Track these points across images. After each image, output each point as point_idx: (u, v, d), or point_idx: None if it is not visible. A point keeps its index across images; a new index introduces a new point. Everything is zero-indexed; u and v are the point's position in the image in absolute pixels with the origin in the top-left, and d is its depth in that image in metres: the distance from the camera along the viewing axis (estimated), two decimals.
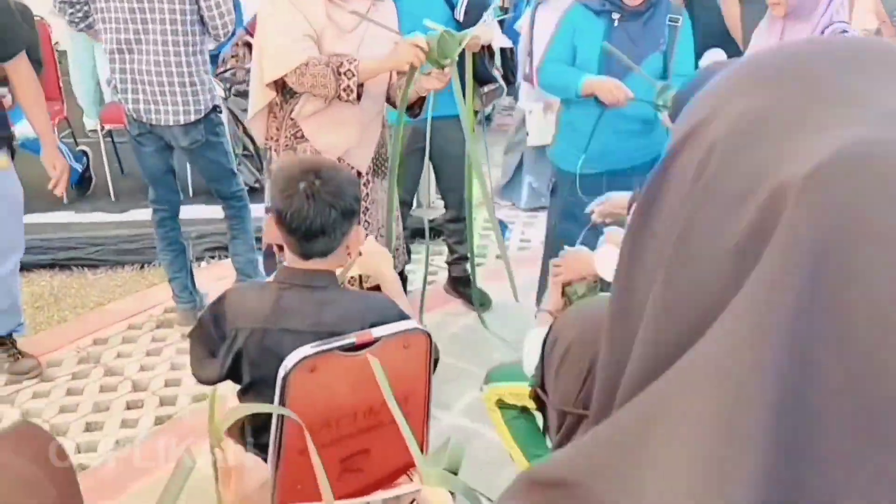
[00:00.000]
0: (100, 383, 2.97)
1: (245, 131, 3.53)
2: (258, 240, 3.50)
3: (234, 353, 1.58)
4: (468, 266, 3.14)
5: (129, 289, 3.71)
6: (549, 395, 1.04)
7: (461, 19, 2.89)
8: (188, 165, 3.98)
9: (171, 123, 2.90)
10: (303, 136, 2.36)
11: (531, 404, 2.13)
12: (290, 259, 1.65)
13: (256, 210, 3.44)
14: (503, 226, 3.94)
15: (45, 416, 2.77)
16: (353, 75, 2.21)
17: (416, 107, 2.47)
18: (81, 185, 4.35)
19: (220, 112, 3.13)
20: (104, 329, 3.34)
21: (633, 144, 2.81)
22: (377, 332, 1.58)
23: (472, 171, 2.37)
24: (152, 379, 3.00)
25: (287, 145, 2.38)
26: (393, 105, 2.50)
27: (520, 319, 3.06)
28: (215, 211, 3.67)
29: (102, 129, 3.98)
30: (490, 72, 3.07)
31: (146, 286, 3.75)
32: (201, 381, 1.66)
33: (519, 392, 2.14)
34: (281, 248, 1.84)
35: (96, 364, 3.09)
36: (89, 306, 3.52)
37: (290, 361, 1.50)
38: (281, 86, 2.37)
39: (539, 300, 3.22)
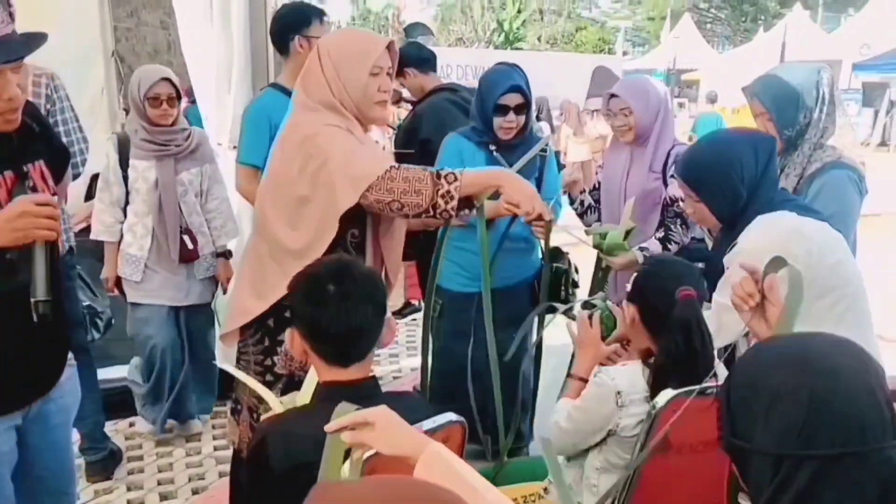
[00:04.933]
0: None
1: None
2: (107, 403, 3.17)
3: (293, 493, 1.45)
4: None
5: None
6: (750, 444, 1.04)
7: None
8: None
9: None
10: None
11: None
12: (325, 373, 1.59)
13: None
14: None
15: None
16: (456, 179, 1.93)
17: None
18: None
19: (74, 254, 2.91)
20: None
21: (518, 262, 3.09)
22: (426, 426, 1.58)
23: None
24: None
25: None
26: None
27: None
28: None
29: None
30: None
31: None
32: None
33: (531, 492, 2.17)
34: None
35: None
36: None
37: None
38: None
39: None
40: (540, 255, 3.11)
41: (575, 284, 3.14)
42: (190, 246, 3.24)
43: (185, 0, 3.59)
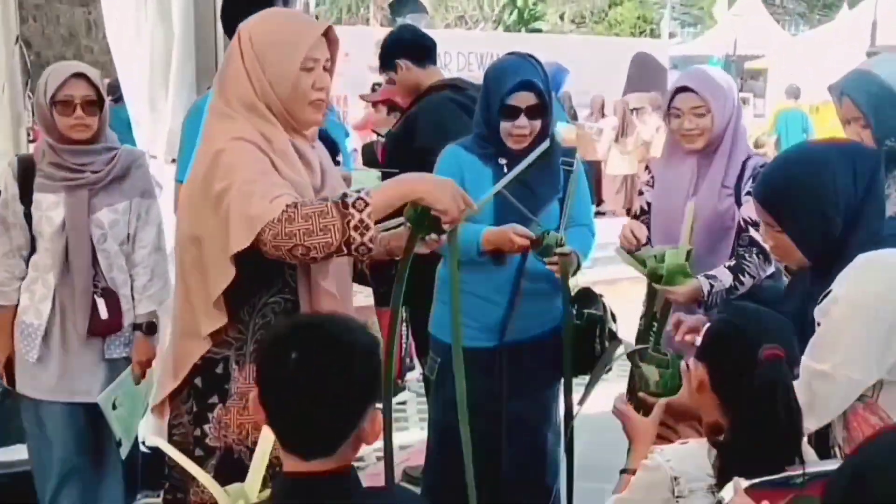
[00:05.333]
0: None
1: None
2: None
3: None
4: None
5: None
6: None
7: None
8: None
9: None
10: None
11: None
12: (286, 460, 1.56)
13: None
14: None
15: None
16: (367, 205, 1.99)
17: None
18: None
19: None
20: None
21: (539, 308, 3.07)
22: None
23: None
24: None
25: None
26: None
27: None
28: None
29: None
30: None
31: None
32: None
33: None
34: None
35: None
36: None
37: None
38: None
39: None
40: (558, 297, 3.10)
41: (612, 336, 3.12)
42: (105, 315, 2.95)
43: None
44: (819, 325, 1.90)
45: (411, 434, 4.50)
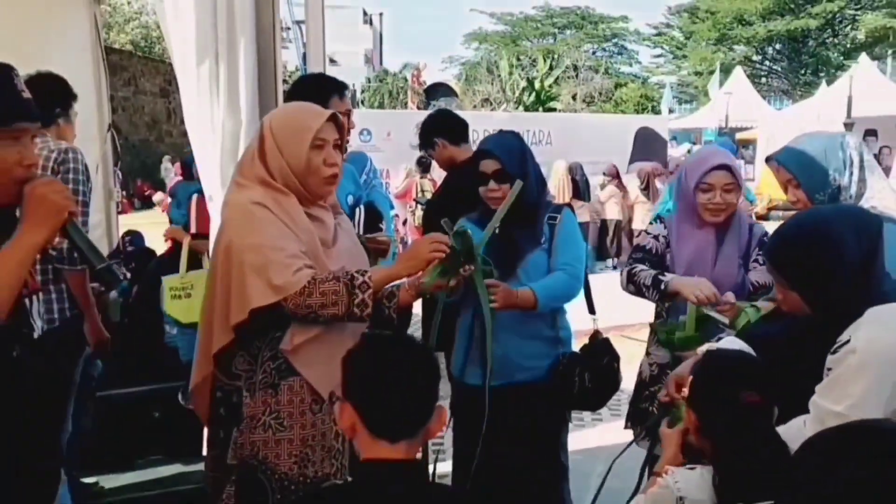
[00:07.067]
0: None
1: None
2: None
3: None
4: None
5: None
6: None
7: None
8: None
9: None
10: (287, 369, 2.27)
11: None
12: (370, 449, 1.65)
13: None
14: None
15: None
16: (369, 287, 2.22)
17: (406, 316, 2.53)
18: None
19: None
20: None
21: (532, 350, 2.98)
22: None
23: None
24: None
25: (267, 382, 2.27)
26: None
27: None
28: None
29: None
30: None
31: None
32: None
33: None
34: None
35: None
36: None
37: None
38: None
39: None
40: (562, 341, 3.04)
41: (612, 384, 3.05)
42: None
43: (187, 68, 3.69)
44: (829, 370, 1.89)
45: (449, 465, 4.44)
